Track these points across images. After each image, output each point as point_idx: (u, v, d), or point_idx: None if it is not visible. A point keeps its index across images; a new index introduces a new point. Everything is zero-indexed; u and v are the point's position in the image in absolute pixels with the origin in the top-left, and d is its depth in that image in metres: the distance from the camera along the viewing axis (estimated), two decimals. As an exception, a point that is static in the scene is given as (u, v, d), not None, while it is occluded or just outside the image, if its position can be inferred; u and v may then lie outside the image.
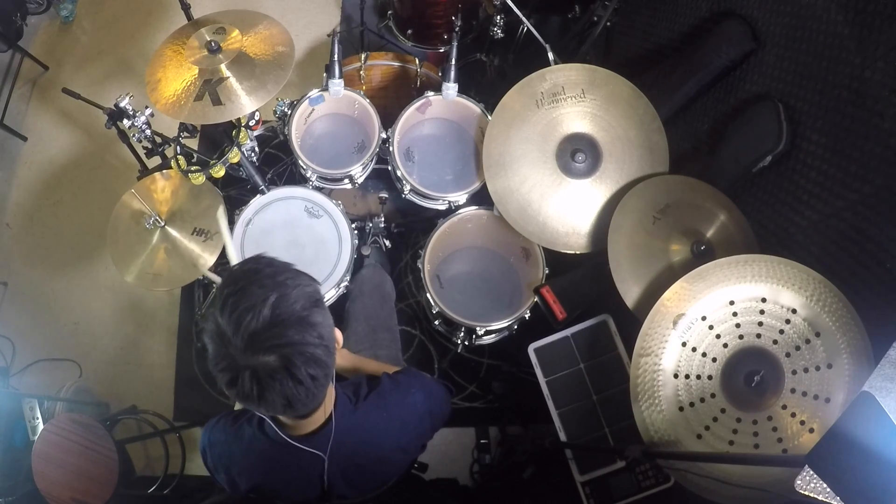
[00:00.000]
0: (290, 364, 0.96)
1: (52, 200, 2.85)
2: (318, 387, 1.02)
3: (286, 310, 0.96)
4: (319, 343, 0.99)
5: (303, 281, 1.03)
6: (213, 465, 1.28)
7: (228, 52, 1.74)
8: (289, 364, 0.96)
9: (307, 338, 0.97)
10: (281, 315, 0.96)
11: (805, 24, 1.60)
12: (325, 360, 1.00)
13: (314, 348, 0.98)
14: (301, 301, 0.99)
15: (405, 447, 1.34)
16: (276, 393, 0.97)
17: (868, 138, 1.41)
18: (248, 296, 0.96)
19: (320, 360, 0.99)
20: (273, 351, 0.95)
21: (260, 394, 0.96)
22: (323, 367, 1.00)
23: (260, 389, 0.96)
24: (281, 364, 0.95)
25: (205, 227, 1.94)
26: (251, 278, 0.99)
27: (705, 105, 2.01)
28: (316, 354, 0.98)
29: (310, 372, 0.98)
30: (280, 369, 0.95)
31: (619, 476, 1.78)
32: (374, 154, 2.04)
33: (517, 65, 2.59)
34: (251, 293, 0.96)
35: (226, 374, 0.97)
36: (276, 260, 1.06)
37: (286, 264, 1.06)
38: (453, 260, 2.20)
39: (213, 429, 1.28)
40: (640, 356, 1.54)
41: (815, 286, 1.47)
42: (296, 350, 0.96)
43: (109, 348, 2.62)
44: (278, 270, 1.02)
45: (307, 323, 0.98)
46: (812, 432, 1.43)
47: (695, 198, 1.79)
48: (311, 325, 0.98)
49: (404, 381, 1.34)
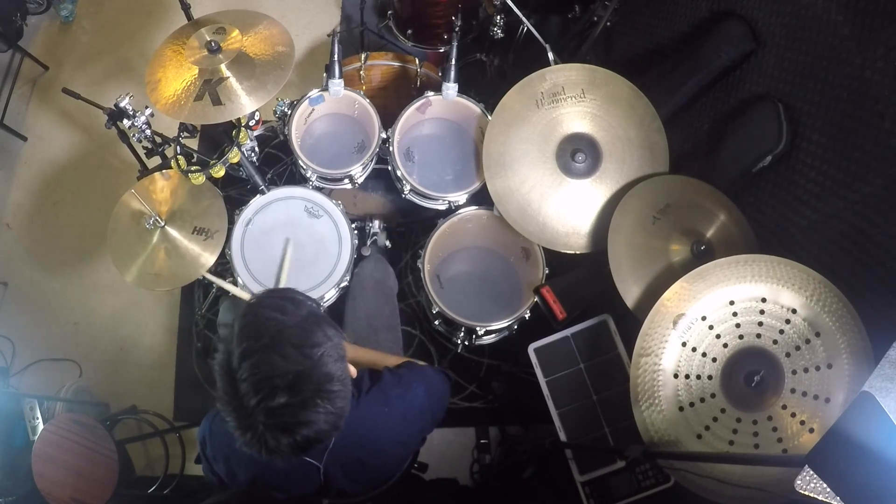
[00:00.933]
0: (297, 433, 0.98)
1: (52, 200, 2.85)
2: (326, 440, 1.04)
3: (306, 387, 0.97)
4: (329, 416, 1.00)
5: (329, 343, 1.02)
6: (211, 455, 1.28)
7: (228, 52, 1.74)
8: (295, 434, 0.98)
9: (318, 416, 0.99)
10: (300, 393, 0.97)
11: (805, 24, 1.60)
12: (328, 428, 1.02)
13: (322, 423, 1.00)
14: (323, 376, 0.99)
15: (406, 441, 1.35)
16: (278, 452, 1.00)
17: (868, 138, 1.41)
18: (269, 364, 0.96)
19: (323, 430, 1.01)
20: (283, 423, 0.97)
21: (266, 450, 0.99)
22: (331, 428, 1.02)
23: (266, 449, 0.99)
24: (287, 433, 0.98)
25: (205, 226, 1.94)
26: (275, 339, 0.98)
27: (705, 105, 2.01)
28: (325, 422, 1.00)
29: (313, 437, 1.00)
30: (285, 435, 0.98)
31: (619, 476, 1.78)
32: (374, 154, 2.04)
33: (517, 65, 2.59)
34: (272, 363, 0.96)
35: (232, 420, 0.99)
36: (302, 306, 1.05)
37: (313, 313, 1.05)
38: (453, 260, 2.20)
39: (213, 419, 1.28)
40: (640, 356, 1.54)
41: (815, 286, 1.47)
42: (305, 426, 0.98)
43: (109, 348, 2.62)
44: (304, 329, 1.01)
45: (322, 398, 0.99)
46: (812, 432, 1.43)
47: (695, 198, 1.79)
48: (325, 399, 0.99)
49: (406, 376, 1.35)
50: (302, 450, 1.01)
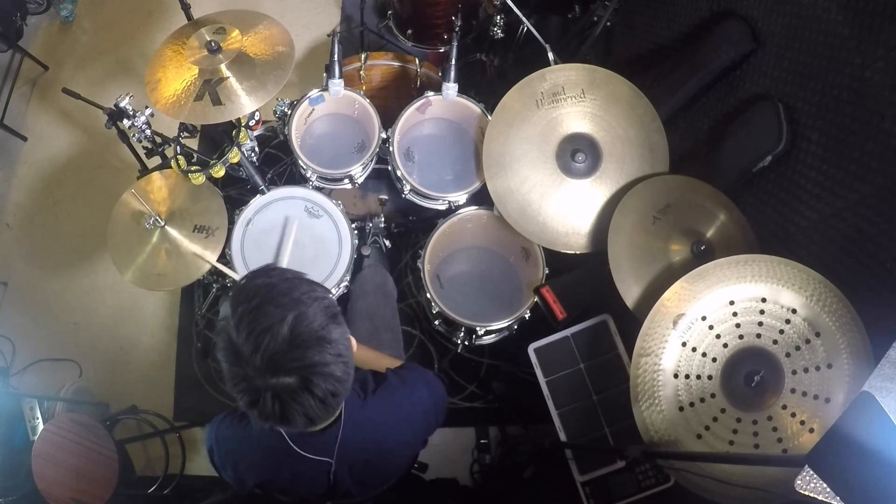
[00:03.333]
0: (311, 384, 0.97)
1: (52, 200, 2.85)
2: (338, 402, 1.04)
3: (305, 329, 0.97)
4: (338, 360, 1.00)
5: (318, 294, 1.03)
6: (220, 463, 1.29)
7: (228, 52, 1.74)
8: (309, 384, 0.97)
9: (326, 357, 0.98)
10: (300, 335, 0.96)
11: (805, 24, 1.60)
12: (343, 377, 1.01)
13: (333, 366, 0.99)
14: (319, 318, 0.99)
15: (411, 441, 1.35)
16: (298, 413, 0.98)
17: (868, 138, 1.41)
18: (265, 315, 0.96)
19: (339, 377, 1.00)
20: (293, 373, 0.95)
21: (282, 414, 0.98)
22: (342, 382, 1.01)
23: (282, 410, 0.97)
24: (301, 385, 0.96)
25: (205, 223, 1.93)
26: (266, 295, 0.98)
27: (705, 105, 2.01)
28: (335, 372, 0.99)
29: (329, 389, 0.99)
30: (301, 390, 0.96)
31: (619, 476, 1.78)
32: (374, 154, 2.04)
33: (517, 65, 2.59)
34: (268, 312, 0.96)
35: (245, 395, 0.98)
36: (288, 271, 1.06)
37: (299, 275, 1.06)
38: (453, 260, 2.20)
39: (219, 425, 1.28)
40: (640, 356, 1.54)
41: (815, 286, 1.47)
42: (316, 370, 0.97)
43: (109, 348, 2.62)
44: (293, 285, 1.02)
45: (326, 341, 0.98)
46: (812, 432, 1.43)
47: (695, 198, 1.79)
48: (329, 342, 0.99)
49: (409, 377, 1.35)
50: (322, 403, 0.98)
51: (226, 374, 0.99)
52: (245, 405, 0.99)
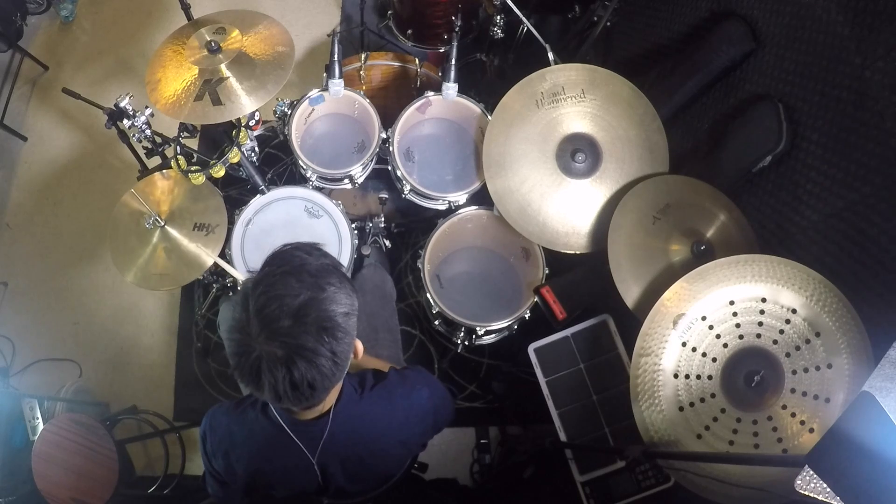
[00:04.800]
0: (293, 364, 0.96)
1: (52, 200, 2.85)
2: (313, 394, 1.02)
3: (312, 314, 0.97)
4: (330, 357, 0.99)
5: (344, 289, 1.03)
6: (211, 450, 1.28)
7: (228, 52, 1.74)
8: (291, 363, 0.96)
9: (320, 349, 0.98)
10: (305, 316, 0.97)
11: (805, 24, 1.60)
12: (328, 374, 1.01)
13: (323, 360, 0.98)
14: (330, 311, 0.99)
15: (407, 441, 1.34)
16: (268, 382, 0.98)
17: (868, 138, 1.41)
18: (285, 284, 0.98)
19: (324, 372, 1.00)
20: (282, 346, 0.96)
21: (257, 376, 0.98)
22: (325, 379, 1.01)
23: (257, 373, 0.98)
24: (284, 360, 0.96)
25: (205, 221, 1.93)
26: (295, 267, 1.00)
27: (705, 105, 2.01)
28: (322, 367, 0.99)
29: (308, 378, 0.98)
30: (282, 364, 0.96)
31: (619, 476, 1.78)
32: (374, 154, 2.04)
33: (517, 65, 2.59)
34: (287, 283, 0.98)
35: (234, 344, 0.99)
36: (329, 257, 1.07)
37: (337, 267, 1.07)
38: (453, 260, 2.20)
39: (215, 413, 1.28)
40: (640, 356, 1.54)
41: (815, 286, 1.47)
42: (303, 355, 0.97)
43: (109, 348, 2.62)
44: (325, 270, 1.03)
45: (327, 334, 0.98)
46: (812, 432, 1.43)
47: (695, 198, 1.79)
48: (329, 337, 0.99)
49: (410, 377, 1.35)
50: (293, 386, 0.97)
51: (231, 321, 1.01)
52: (230, 352, 1.01)
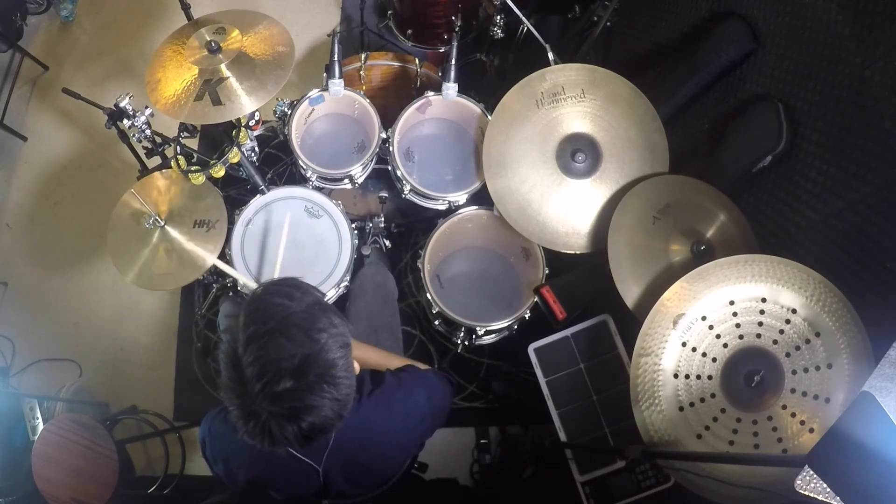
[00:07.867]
0: (300, 420, 0.98)
1: (52, 200, 2.85)
2: (326, 434, 1.05)
3: (312, 371, 0.98)
4: (335, 402, 1.01)
5: (334, 327, 1.03)
6: (211, 457, 1.29)
7: (228, 52, 1.74)
8: (300, 420, 0.98)
9: (323, 401, 0.99)
10: (305, 376, 0.97)
11: (805, 24, 1.60)
12: (334, 417, 1.02)
13: (328, 409, 1.00)
14: (328, 361, 1.00)
15: (405, 444, 1.35)
16: (280, 439, 1.00)
17: (868, 138, 1.41)
18: (276, 347, 0.97)
19: (330, 417, 1.01)
20: (289, 409, 0.97)
21: (270, 436, 0.99)
22: (331, 420, 1.03)
23: (269, 435, 0.99)
24: (291, 417, 0.98)
25: (205, 217, 1.93)
26: (282, 323, 0.99)
27: (705, 105, 2.01)
28: (327, 414, 1.00)
29: (318, 425, 1.01)
30: (289, 421, 0.98)
31: (619, 476, 1.78)
32: (374, 154, 2.04)
33: (517, 65, 2.59)
34: (279, 345, 0.97)
35: (237, 410, 0.99)
36: (309, 293, 1.06)
37: (319, 301, 1.06)
38: (453, 260, 2.20)
39: (213, 419, 1.28)
40: (640, 356, 1.54)
41: (815, 286, 1.47)
42: (310, 411, 0.98)
43: (109, 348, 2.62)
44: (313, 317, 1.02)
45: (328, 384, 0.99)
46: (812, 432, 1.43)
47: (695, 198, 1.79)
48: (331, 383, 1.00)
49: (408, 381, 1.35)
50: (307, 438, 1.00)
51: (222, 380, 1.00)
52: (234, 418, 1.01)
